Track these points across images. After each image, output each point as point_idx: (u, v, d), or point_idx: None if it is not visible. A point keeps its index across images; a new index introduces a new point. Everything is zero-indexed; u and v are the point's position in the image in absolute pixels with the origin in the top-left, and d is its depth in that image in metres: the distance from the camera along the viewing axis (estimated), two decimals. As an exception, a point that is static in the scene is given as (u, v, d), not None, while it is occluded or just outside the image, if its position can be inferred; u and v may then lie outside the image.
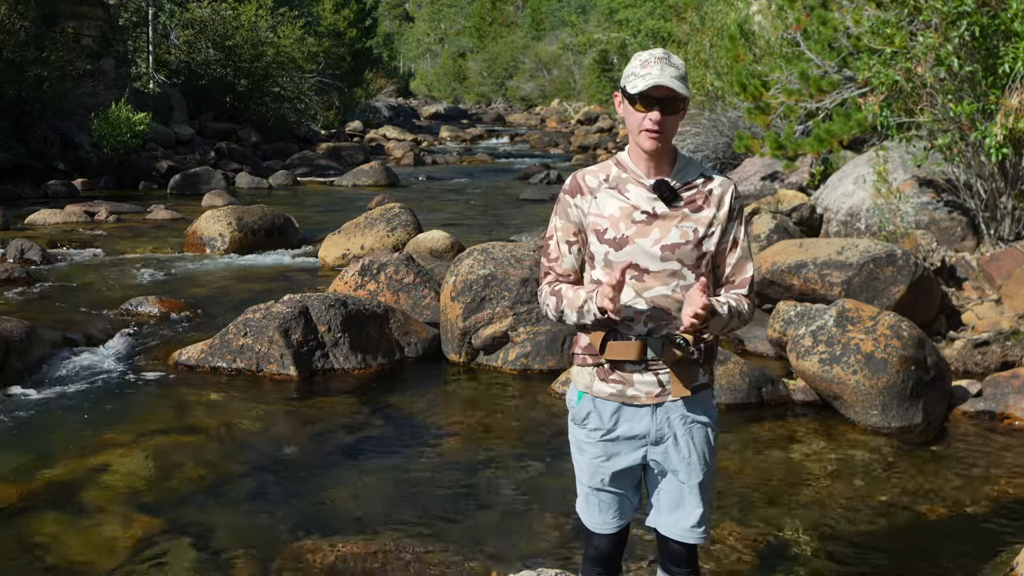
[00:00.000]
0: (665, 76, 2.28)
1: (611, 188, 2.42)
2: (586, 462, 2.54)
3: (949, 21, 6.93)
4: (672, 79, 2.28)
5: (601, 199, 2.42)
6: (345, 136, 30.63)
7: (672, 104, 2.31)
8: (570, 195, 2.46)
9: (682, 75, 2.31)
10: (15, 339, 5.97)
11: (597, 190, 2.43)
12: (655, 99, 2.30)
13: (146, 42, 25.09)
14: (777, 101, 10.58)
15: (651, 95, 2.30)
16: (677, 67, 2.31)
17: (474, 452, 4.94)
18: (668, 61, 2.31)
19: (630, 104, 2.35)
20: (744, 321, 2.46)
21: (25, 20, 17.16)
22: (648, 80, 2.28)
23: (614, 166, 2.45)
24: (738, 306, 2.42)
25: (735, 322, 2.42)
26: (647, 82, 2.28)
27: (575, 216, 2.46)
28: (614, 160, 2.47)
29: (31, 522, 3.97)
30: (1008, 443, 5.00)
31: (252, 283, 9.04)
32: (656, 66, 2.30)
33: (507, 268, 6.55)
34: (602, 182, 2.44)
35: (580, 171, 2.50)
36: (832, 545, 3.81)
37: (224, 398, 5.68)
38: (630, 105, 2.35)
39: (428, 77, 77.89)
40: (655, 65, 2.30)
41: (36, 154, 16.89)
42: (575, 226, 2.46)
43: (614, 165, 2.45)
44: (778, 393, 5.56)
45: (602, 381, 2.47)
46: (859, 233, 8.40)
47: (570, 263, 2.49)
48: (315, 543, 3.76)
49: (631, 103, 2.34)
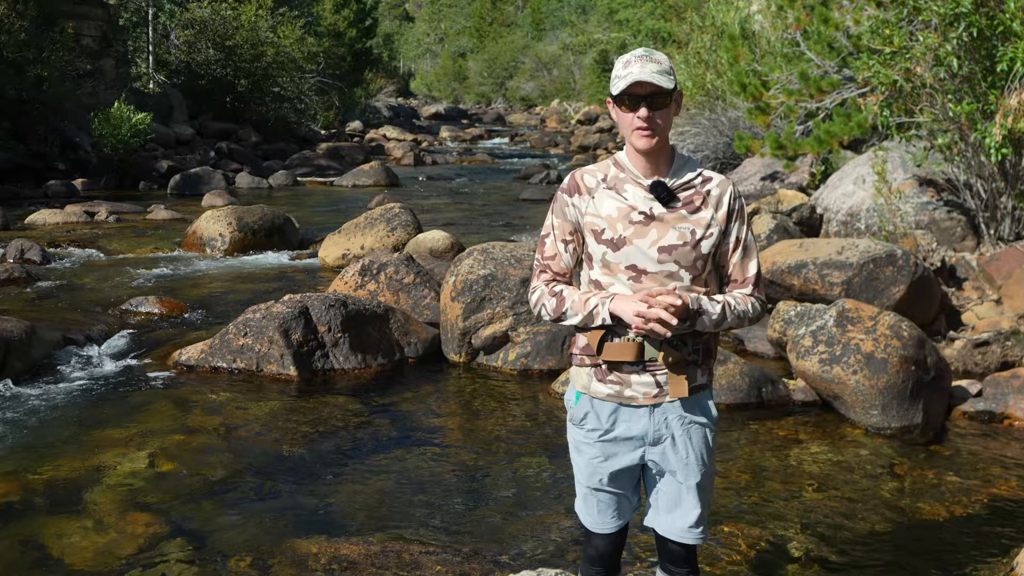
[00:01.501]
0: (646, 72, 2.28)
1: (609, 188, 2.42)
2: (584, 462, 2.54)
3: (947, 22, 6.93)
4: (653, 74, 2.28)
5: (599, 199, 2.42)
6: (345, 136, 30.63)
7: (658, 99, 2.31)
8: (567, 194, 2.46)
9: (664, 69, 2.30)
10: (15, 339, 5.97)
11: (595, 190, 2.43)
12: (639, 96, 2.30)
13: (146, 42, 25.11)
14: (777, 101, 10.59)
15: (634, 92, 2.30)
16: (659, 62, 2.31)
17: (474, 452, 4.94)
18: (649, 58, 2.32)
19: (618, 106, 2.36)
20: (751, 319, 2.44)
21: (25, 20, 17.16)
22: (628, 79, 2.29)
23: (612, 166, 2.45)
24: (738, 304, 2.41)
25: (734, 320, 2.40)
26: (627, 80, 2.29)
27: (572, 215, 2.45)
28: (612, 160, 2.47)
29: (31, 522, 3.97)
30: (1008, 443, 5.00)
31: (252, 283, 9.04)
32: (636, 64, 2.30)
33: (507, 268, 6.55)
34: (600, 182, 2.44)
35: (578, 170, 2.50)
36: (832, 545, 3.81)
37: (224, 398, 5.68)
38: (619, 107, 2.36)
39: (428, 77, 77.88)
40: (635, 64, 2.31)
41: (36, 154, 16.90)
42: (571, 225, 2.46)
43: (612, 165, 2.45)
44: (778, 393, 5.56)
45: (600, 382, 2.47)
46: (859, 233, 8.40)
47: (566, 262, 2.49)
48: (315, 543, 3.76)
49: (619, 105, 2.35)
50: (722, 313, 2.37)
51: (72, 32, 19.02)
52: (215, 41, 24.90)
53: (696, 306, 2.32)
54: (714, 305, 2.36)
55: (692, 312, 2.32)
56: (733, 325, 2.43)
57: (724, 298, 2.41)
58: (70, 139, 17.77)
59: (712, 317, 2.35)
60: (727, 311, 2.38)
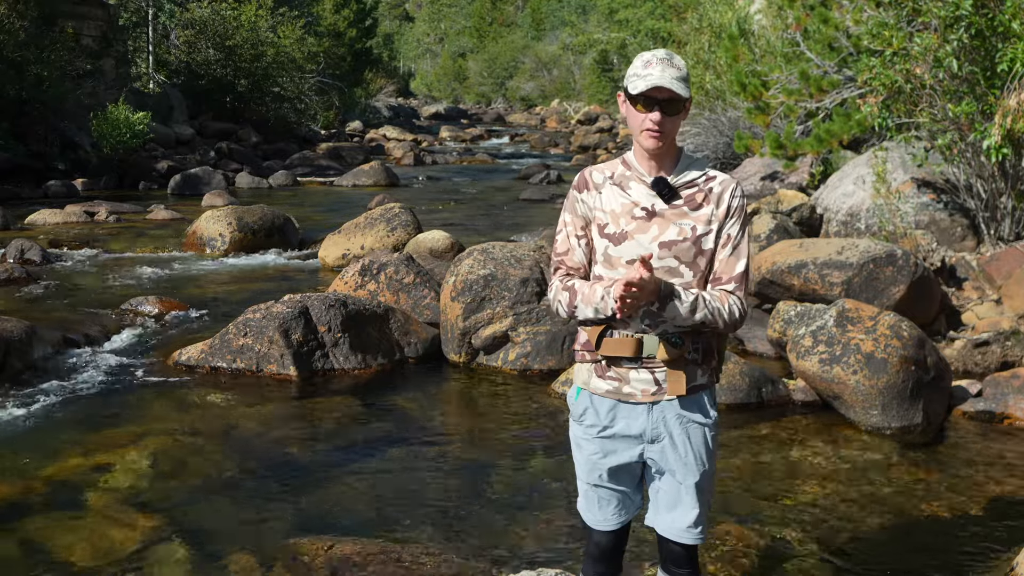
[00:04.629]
0: (666, 77, 2.30)
1: (615, 184, 2.46)
2: (584, 458, 2.55)
3: (947, 24, 6.93)
4: (673, 80, 2.30)
5: (605, 194, 2.46)
6: (345, 136, 30.61)
7: (673, 105, 2.33)
8: (577, 190, 2.51)
9: (683, 76, 2.32)
10: (15, 339, 5.97)
11: (602, 186, 2.47)
12: (656, 100, 2.32)
13: (146, 42, 25.10)
14: (777, 101, 10.59)
15: (652, 96, 2.32)
16: (679, 68, 2.33)
17: (474, 452, 4.94)
18: (670, 62, 2.33)
19: (632, 104, 2.37)
20: (726, 319, 2.36)
21: (25, 20, 17.16)
22: (649, 81, 2.30)
23: (620, 164, 2.49)
24: (713, 300, 2.35)
25: (708, 315, 2.34)
26: (647, 83, 2.30)
27: (582, 211, 2.49)
28: (621, 159, 2.50)
29: (31, 522, 3.97)
30: (1008, 443, 5.00)
31: (252, 283, 9.04)
32: (657, 67, 2.32)
33: (507, 268, 6.56)
34: (607, 178, 2.48)
35: (588, 168, 2.55)
36: (832, 545, 3.81)
37: (224, 398, 5.68)
38: (632, 105, 2.37)
39: (428, 77, 77.87)
40: (656, 66, 2.32)
41: (36, 154, 16.89)
42: (583, 220, 2.50)
43: (620, 163, 2.49)
44: (778, 393, 5.57)
45: (599, 378, 2.48)
46: (859, 233, 8.40)
47: (580, 256, 2.51)
48: (315, 543, 3.76)
49: (632, 103, 2.37)
50: (694, 303, 2.32)
51: (72, 32, 19.02)
52: (215, 41, 24.89)
53: (668, 290, 2.29)
54: (688, 294, 2.33)
55: (663, 293, 2.28)
56: (708, 321, 2.35)
57: (698, 291, 2.37)
58: (70, 139, 17.76)
59: (684, 304, 2.31)
60: (701, 301, 2.33)
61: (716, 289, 2.42)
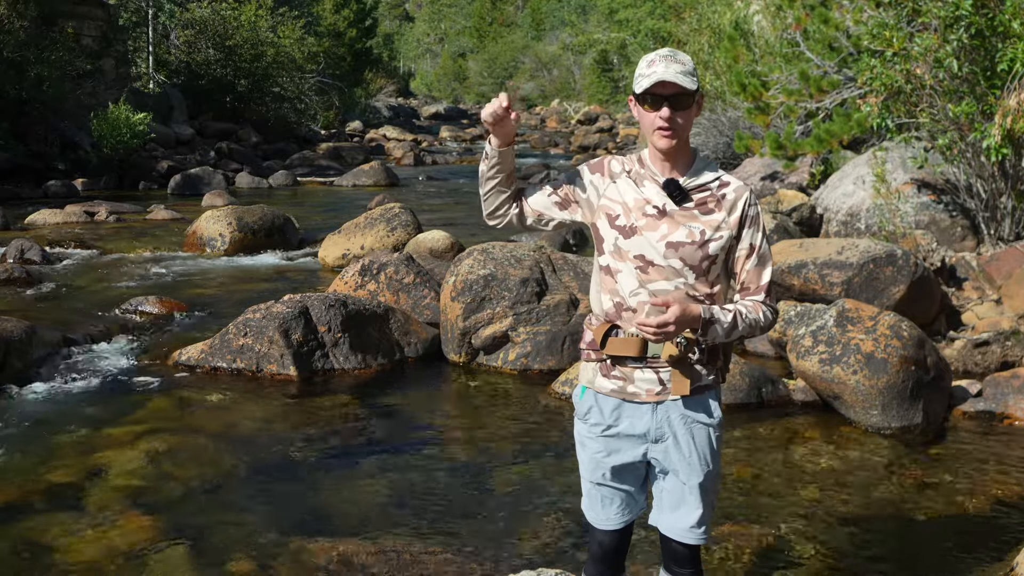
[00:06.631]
0: (670, 72, 2.30)
1: (631, 179, 2.47)
2: (588, 457, 2.55)
3: (947, 24, 6.93)
4: (677, 74, 2.30)
5: (620, 185, 2.47)
6: (345, 136, 30.61)
7: (681, 100, 2.33)
8: (590, 171, 2.52)
9: (688, 70, 2.33)
10: (15, 339, 5.97)
11: (618, 176, 2.49)
12: (662, 96, 2.32)
13: (146, 42, 25.10)
14: (777, 101, 10.60)
15: (657, 92, 2.32)
16: (683, 63, 2.34)
17: (474, 452, 4.94)
18: (673, 58, 2.34)
19: (641, 105, 2.38)
20: (762, 327, 2.45)
21: (25, 20, 17.16)
22: (652, 78, 2.31)
23: (637, 162, 2.50)
24: (750, 313, 2.41)
25: (746, 329, 2.41)
26: (651, 80, 2.31)
27: (581, 189, 2.51)
28: (638, 156, 2.52)
29: (31, 522, 3.97)
30: (1008, 443, 5.00)
31: (252, 283, 9.04)
32: (661, 64, 2.33)
33: (507, 268, 6.56)
34: (624, 171, 2.49)
35: (611, 156, 2.57)
36: (832, 545, 3.81)
37: (224, 398, 5.67)
38: (641, 106, 2.38)
39: (428, 77, 77.86)
40: (660, 63, 2.33)
41: (36, 154, 16.88)
42: (573, 195, 2.51)
43: (637, 161, 2.50)
44: (778, 393, 5.57)
45: (604, 377, 2.48)
46: (859, 233, 8.40)
47: (537, 203, 2.54)
48: (315, 543, 3.76)
49: (641, 104, 2.38)
50: (733, 322, 2.38)
51: (72, 32, 19.01)
52: (215, 41, 24.88)
53: (708, 315, 2.33)
54: (726, 314, 2.37)
55: (704, 321, 2.32)
56: (745, 334, 2.43)
57: (735, 307, 2.41)
58: (70, 139, 17.75)
59: (724, 326, 2.36)
60: (739, 320, 2.39)
61: (748, 299, 2.45)
